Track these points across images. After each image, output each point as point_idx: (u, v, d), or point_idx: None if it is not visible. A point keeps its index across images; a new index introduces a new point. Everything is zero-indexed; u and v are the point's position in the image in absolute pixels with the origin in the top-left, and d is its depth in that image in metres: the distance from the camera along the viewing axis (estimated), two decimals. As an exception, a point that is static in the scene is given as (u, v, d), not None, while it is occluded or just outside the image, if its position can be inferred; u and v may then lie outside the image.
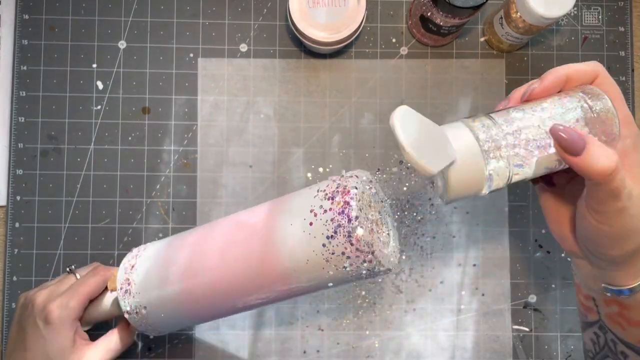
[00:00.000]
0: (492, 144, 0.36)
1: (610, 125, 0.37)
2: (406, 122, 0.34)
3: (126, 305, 0.45)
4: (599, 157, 0.33)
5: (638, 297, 0.39)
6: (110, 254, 0.57)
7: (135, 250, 0.48)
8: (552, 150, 0.36)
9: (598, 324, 0.43)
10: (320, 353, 0.57)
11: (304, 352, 0.57)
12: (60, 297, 0.46)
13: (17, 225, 0.57)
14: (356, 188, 0.39)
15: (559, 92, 0.39)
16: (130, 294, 0.45)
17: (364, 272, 0.39)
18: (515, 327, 0.58)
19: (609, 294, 0.39)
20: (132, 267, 0.46)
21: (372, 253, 0.38)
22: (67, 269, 0.51)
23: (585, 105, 0.37)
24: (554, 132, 0.35)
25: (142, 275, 0.45)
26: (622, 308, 0.40)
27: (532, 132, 0.36)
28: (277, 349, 0.57)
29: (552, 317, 0.58)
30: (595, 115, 0.36)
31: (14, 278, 0.57)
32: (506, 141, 0.36)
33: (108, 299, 0.48)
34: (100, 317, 0.49)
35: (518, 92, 0.40)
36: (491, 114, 0.38)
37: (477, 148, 0.36)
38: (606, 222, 0.36)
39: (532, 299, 0.58)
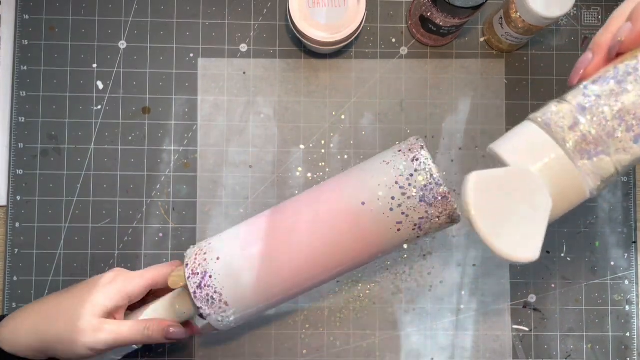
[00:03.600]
0: (577, 137, 0.30)
1: None
2: (482, 196, 0.29)
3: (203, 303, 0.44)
4: None
5: None
6: (111, 254, 0.57)
7: (196, 247, 0.47)
8: None
9: None
10: (320, 353, 0.57)
11: (304, 352, 0.57)
12: (131, 273, 0.47)
13: (17, 225, 0.57)
14: (423, 148, 0.43)
15: None
16: (208, 290, 0.44)
17: (444, 221, 0.43)
18: (515, 327, 0.58)
19: None
20: (205, 260, 0.45)
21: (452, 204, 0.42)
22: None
23: None
24: None
25: (222, 270, 0.45)
26: None
27: (630, 107, 0.29)
28: (277, 349, 0.57)
29: (552, 317, 0.58)
30: None
31: (14, 278, 0.57)
32: (595, 128, 0.30)
33: (170, 299, 0.48)
34: (160, 315, 0.48)
35: (602, 42, 0.31)
36: (567, 96, 0.31)
37: (561, 154, 0.30)
38: None
39: (532, 299, 0.58)
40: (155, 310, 0.47)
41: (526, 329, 0.58)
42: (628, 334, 0.58)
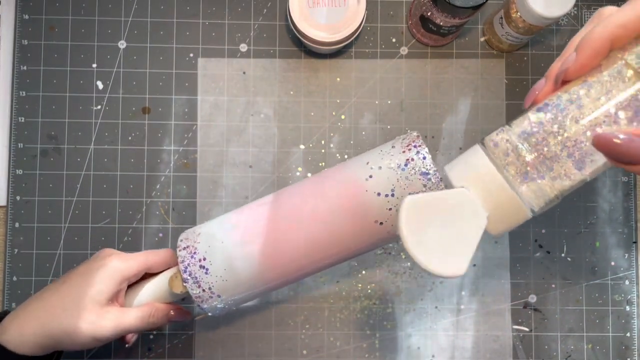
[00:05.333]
0: (518, 162, 0.32)
1: None
2: (415, 217, 0.32)
3: (194, 286, 0.44)
4: None
5: None
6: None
7: (188, 233, 0.47)
8: (599, 158, 0.31)
9: None
10: (320, 353, 0.57)
11: (304, 352, 0.57)
12: (124, 255, 0.47)
13: (17, 225, 0.57)
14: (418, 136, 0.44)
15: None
16: (199, 284, 0.44)
17: None
18: (515, 327, 0.58)
19: None
20: (195, 249, 0.45)
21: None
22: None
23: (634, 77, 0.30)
24: (597, 144, 0.29)
25: (215, 260, 0.44)
26: None
27: (571, 135, 0.31)
28: (277, 349, 0.57)
29: (552, 317, 0.58)
30: None
31: (14, 278, 0.57)
32: (535, 154, 0.31)
33: (163, 283, 0.48)
34: (152, 299, 0.48)
35: (552, 71, 0.33)
36: (514, 121, 0.33)
37: (499, 178, 0.32)
38: None
39: (532, 299, 0.58)
40: (151, 291, 0.48)
41: (526, 329, 0.58)
42: (628, 334, 0.58)
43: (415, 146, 0.43)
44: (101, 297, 0.44)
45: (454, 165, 0.35)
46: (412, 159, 0.42)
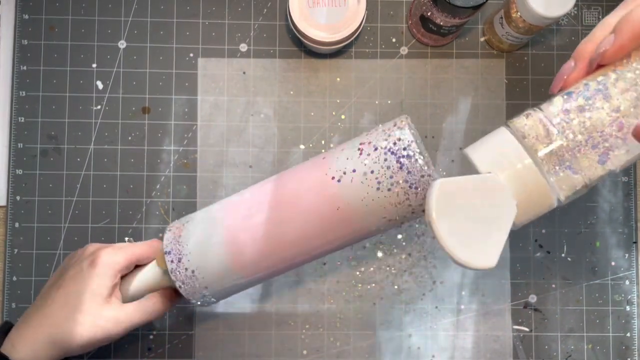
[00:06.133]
0: (550, 148, 0.30)
1: None
2: (445, 202, 0.29)
3: (178, 275, 0.44)
4: None
5: None
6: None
7: (177, 222, 0.47)
8: (627, 149, 0.30)
9: None
10: (320, 353, 0.57)
11: (304, 352, 0.57)
12: (111, 247, 0.46)
13: (17, 225, 0.57)
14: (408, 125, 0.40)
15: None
16: (181, 262, 0.44)
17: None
18: (516, 327, 0.58)
19: None
20: (180, 236, 0.45)
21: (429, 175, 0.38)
22: (126, 239, 0.51)
23: None
24: (637, 135, 0.28)
25: (195, 243, 0.44)
26: None
27: (598, 126, 0.29)
28: (277, 349, 0.57)
29: (552, 317, 0.58)
30: None
31: (14, 278, 0.57)
32: (565, 140, 0.30)
33: (154, 269, 0.48)
34: (145, 288, 0.48)
35: (585, 52, 0.31)
36: (542, 105, 0.31)
37: (530, 163, 0.31)
38: None
39: (532, 299, 0.58)
40: (145, 279, 0.47)
41: (526, 329, 0.58)
42: (628, 335, 0.58)
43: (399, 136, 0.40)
44: (99, 297, 0.44)
45: (476, 148, 0.33)
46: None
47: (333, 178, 0.41)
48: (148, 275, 0.47)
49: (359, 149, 0.40)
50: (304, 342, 0.57)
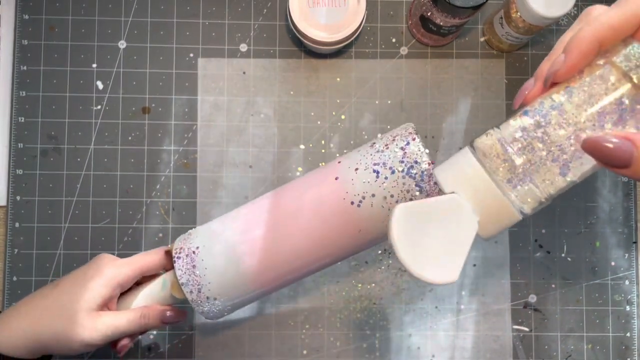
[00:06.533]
0: (507, 166, 0.32)
1: None
2: (406, 225, 0.32)
3: (200, 303, 0.45)
4: None
5: None
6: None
7: (182, 243, 0.47)
8: (586, 162, 0.31)
9: None
10: (320, 353, 0.57)
11: (304, 352, 0.57)
12: (119, 260, 0.46)
13: (17, 225, 0.57)
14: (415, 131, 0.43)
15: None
16: (201, 292, 0.45)
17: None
18: (515, 327, 0.58)
19: None
20: (194, 267, 0.45)
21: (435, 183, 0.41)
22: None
23: (625, 79, 0.30)
24: (586, 148, 0.29)
25: (215, 273, 0.44)
26: None
27: (556, 140, 0.31)
28: (277, 349, 0.57)
29: (552, 317, 0.58)
30: None
31: (14, 278, 0.57)
32: (524, 157, 0.31)
33: (163, 293, 0.48)
34: (151, 302, 0.48)
35: (542, 71, 0.33)
36: (502, 124, 0.33)
37: (489, 182, 0.32)
38: None
39: (532, 299, 0.58)
40: (147, 296, 0.47)
41: (526, 329, 0.58)
42: (628, 334, 0.58)
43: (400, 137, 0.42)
44: (93, 304, 0.44)
45: (443, 168, 0.35)
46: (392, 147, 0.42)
47: (352, 203, 0.42)
48: (154, 295, 0.48)
49: (374, 171, 0.42)
50: (304, 342, 0.57)
